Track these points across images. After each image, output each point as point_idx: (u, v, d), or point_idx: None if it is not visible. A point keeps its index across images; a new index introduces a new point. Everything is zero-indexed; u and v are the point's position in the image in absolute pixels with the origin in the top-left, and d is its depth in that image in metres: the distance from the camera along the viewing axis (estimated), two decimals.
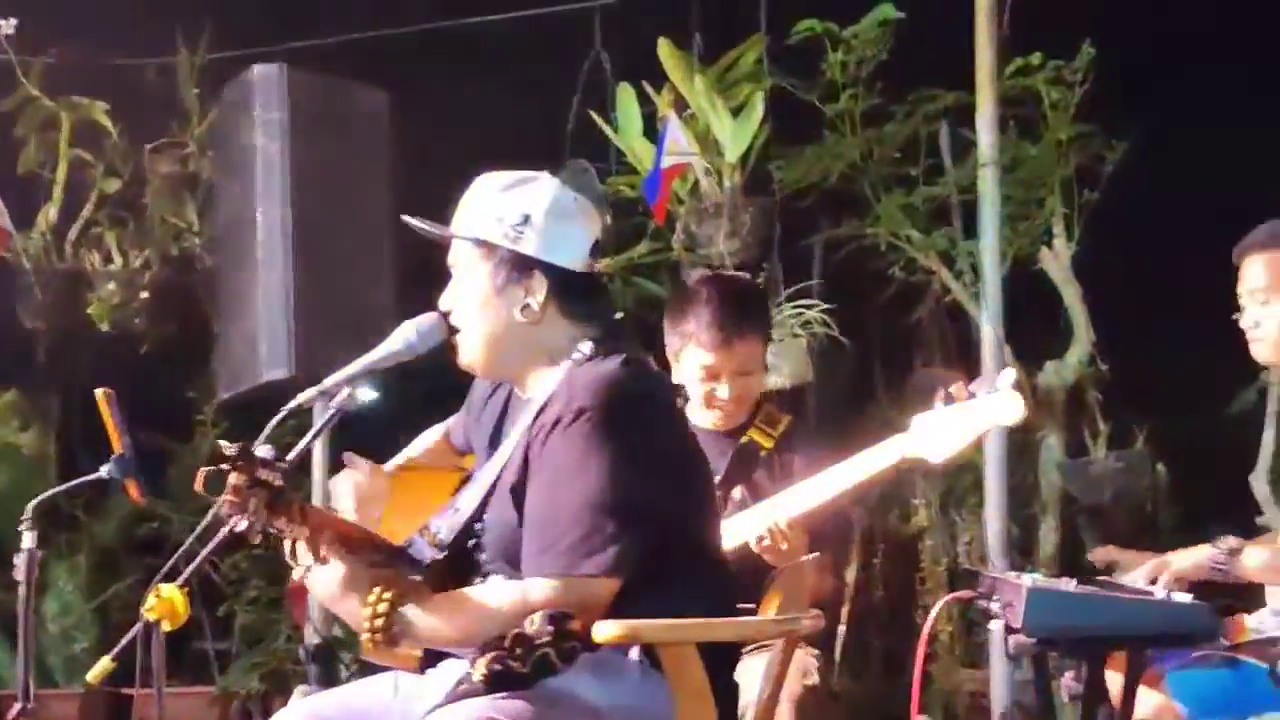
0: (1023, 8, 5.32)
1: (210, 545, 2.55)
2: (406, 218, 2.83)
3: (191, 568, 2.60)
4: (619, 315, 2.86)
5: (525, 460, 2.66)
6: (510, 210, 2.73)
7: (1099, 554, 3.61)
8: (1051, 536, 5.66)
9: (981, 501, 5.32)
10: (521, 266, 2.72)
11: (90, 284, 6.53)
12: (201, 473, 2.43)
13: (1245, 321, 3.62)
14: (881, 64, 5.61)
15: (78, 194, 6.62)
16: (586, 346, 2.72)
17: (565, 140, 5.94)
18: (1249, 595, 3.57)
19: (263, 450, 2.47)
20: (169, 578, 2.58)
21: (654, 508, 2.62)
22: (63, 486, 3.80)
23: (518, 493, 2.66)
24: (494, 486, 2.71)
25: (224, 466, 2.41)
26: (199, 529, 2.56)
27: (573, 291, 2.75)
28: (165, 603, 2.52)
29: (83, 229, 6.61)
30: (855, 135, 5.66)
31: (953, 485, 5.67)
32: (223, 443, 2.45)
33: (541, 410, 2.66)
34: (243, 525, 2.44)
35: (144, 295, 6.50)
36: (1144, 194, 5.58)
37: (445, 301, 2.80)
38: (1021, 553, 5.50)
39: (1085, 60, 5.51)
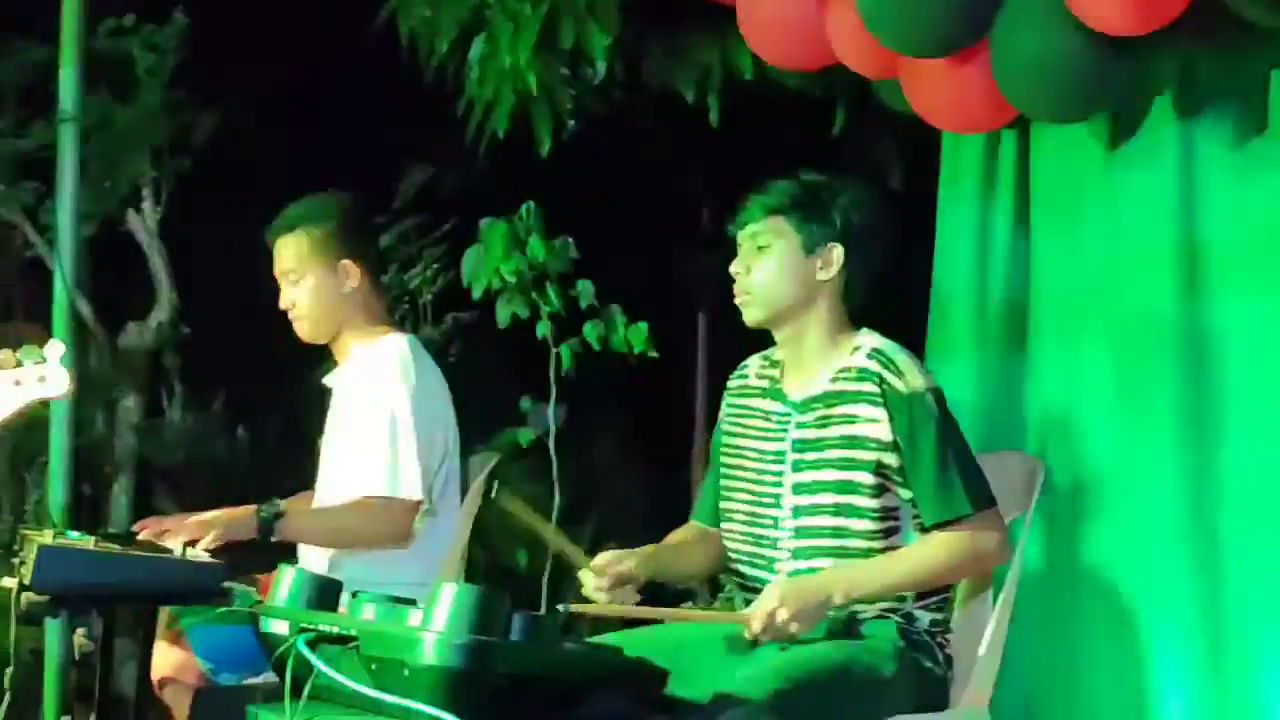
0: None
1: None
2: None
3: None
4: None
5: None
6: None
7: (146, 525, 3.65)
8: (124, 498, 5.73)
9: None
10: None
11: None
12: None
13: (284, 302, 3.82)
14: None
15: None
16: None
17: None
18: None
19: None
20: None
21: None
22: None
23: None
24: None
25: None
26: None
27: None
28: None
29: None
30: None
31: (22, 443, 5.61)
32: None
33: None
34: None
35: None
36: (235, 163, 5.79)
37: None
38: (93, 514, 5.53)
39: (178, 28, 5.65)
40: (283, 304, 3.79)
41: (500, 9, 5.31)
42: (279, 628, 2.71)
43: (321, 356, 6.02)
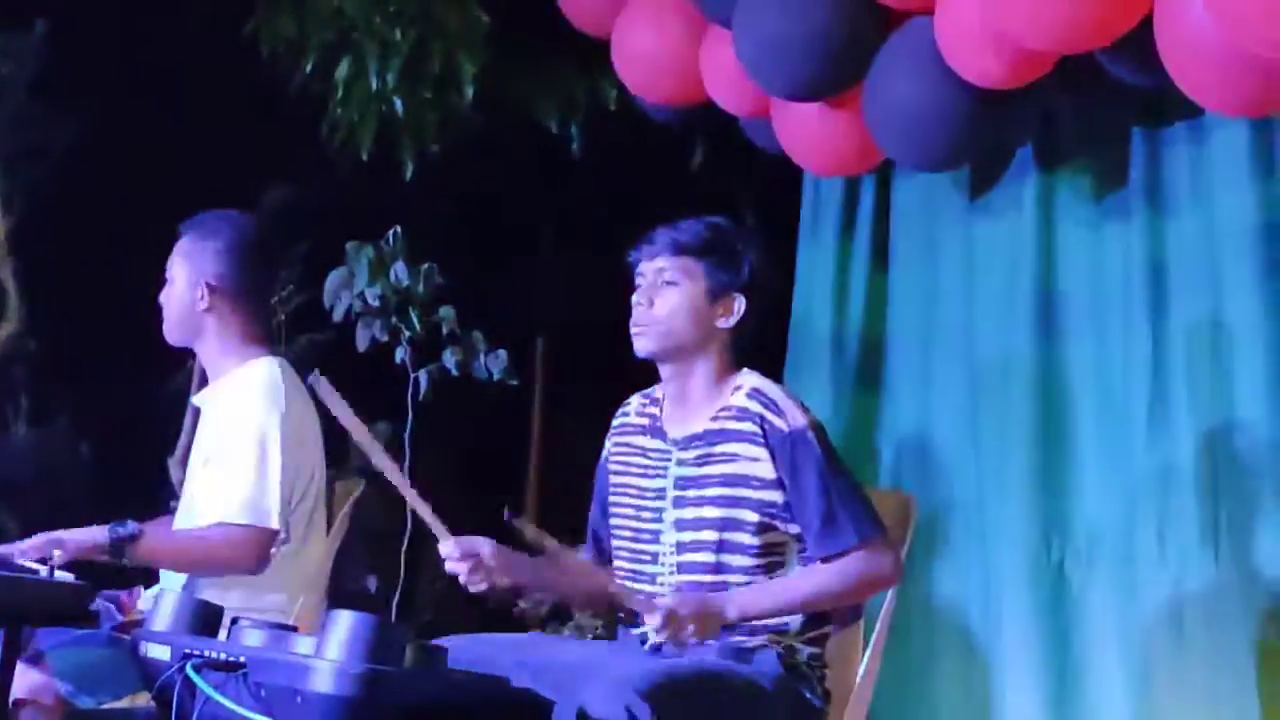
0: None
1: None
2: None
3: None
4: None
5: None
6: None
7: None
8: None
9: None
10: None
11: None
12: None
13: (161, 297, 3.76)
14: None
15: None
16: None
17: None
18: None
19: None
20: None
21: None
22: None
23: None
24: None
25: None
26: None
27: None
28: None
29: None
30: None
31: None
32: None
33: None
34: None
35: None
36: (88, 171, 5.59)
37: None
38: None
39: (37, 37, 5.52)
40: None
41: (368, 32, 5.28)
42: (159, 653, 2.65)
43: (169, 373, 5.94)
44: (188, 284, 3.70)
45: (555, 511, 7.47)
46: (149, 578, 3.75)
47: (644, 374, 3.31)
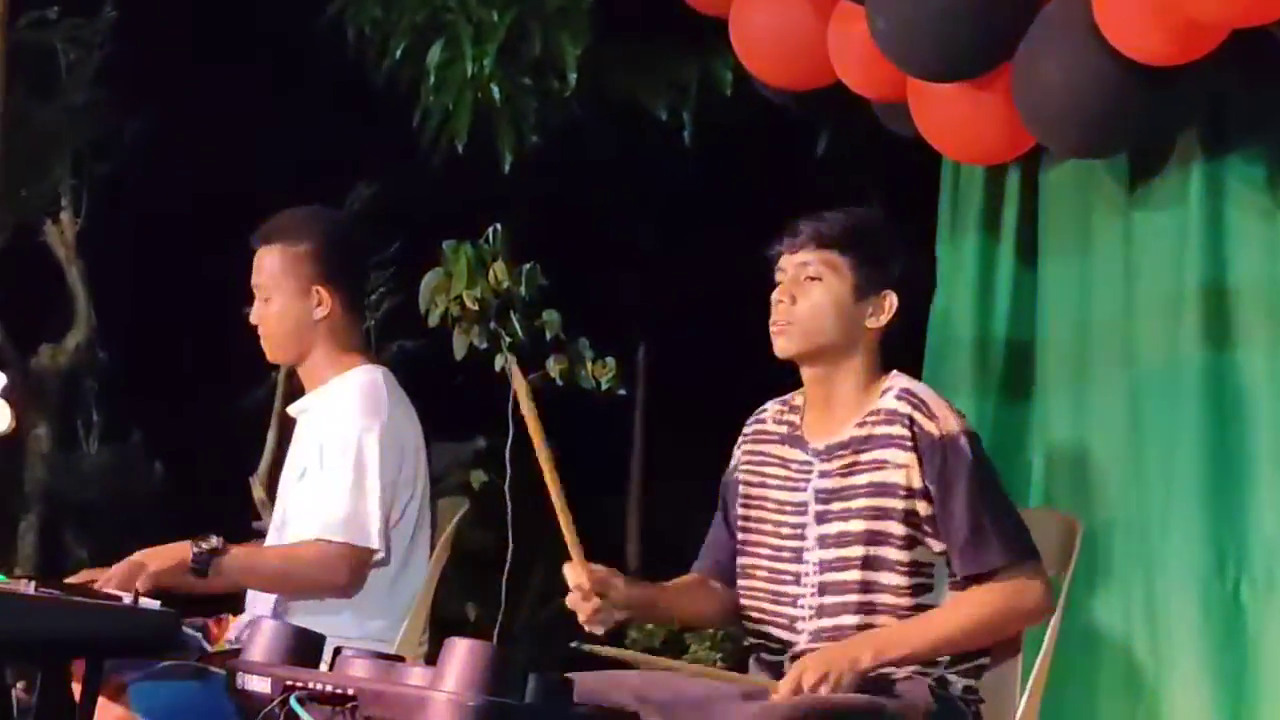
0: None
1: None
2: None
3: None
4: None
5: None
6: None
7: (80, 578, 3.60)
8: (31, 536, 5.61)
9: None
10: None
11: None
12: None
13: (253, 317, 3.75)
14: None
15: None
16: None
17: None
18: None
19: None
20: None
21: None
22: None
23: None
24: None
25: None
26: None
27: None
28: None
29: None
30: None
31: None
32: None
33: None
34: None
35: None
36: (161, 167, 5.73)
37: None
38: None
39: (106, 22, 5.60)
40: (251, 318, 3.74)
41: (462, 13, 5.32)
42: (259, 685, 2.67)
43: (250, 384, 6.01)
44: (295, 294, 3.68)
45: (658, 526, 7.47)
46: (237, 604, 3.79)
47: (756, 383, 3.31)
